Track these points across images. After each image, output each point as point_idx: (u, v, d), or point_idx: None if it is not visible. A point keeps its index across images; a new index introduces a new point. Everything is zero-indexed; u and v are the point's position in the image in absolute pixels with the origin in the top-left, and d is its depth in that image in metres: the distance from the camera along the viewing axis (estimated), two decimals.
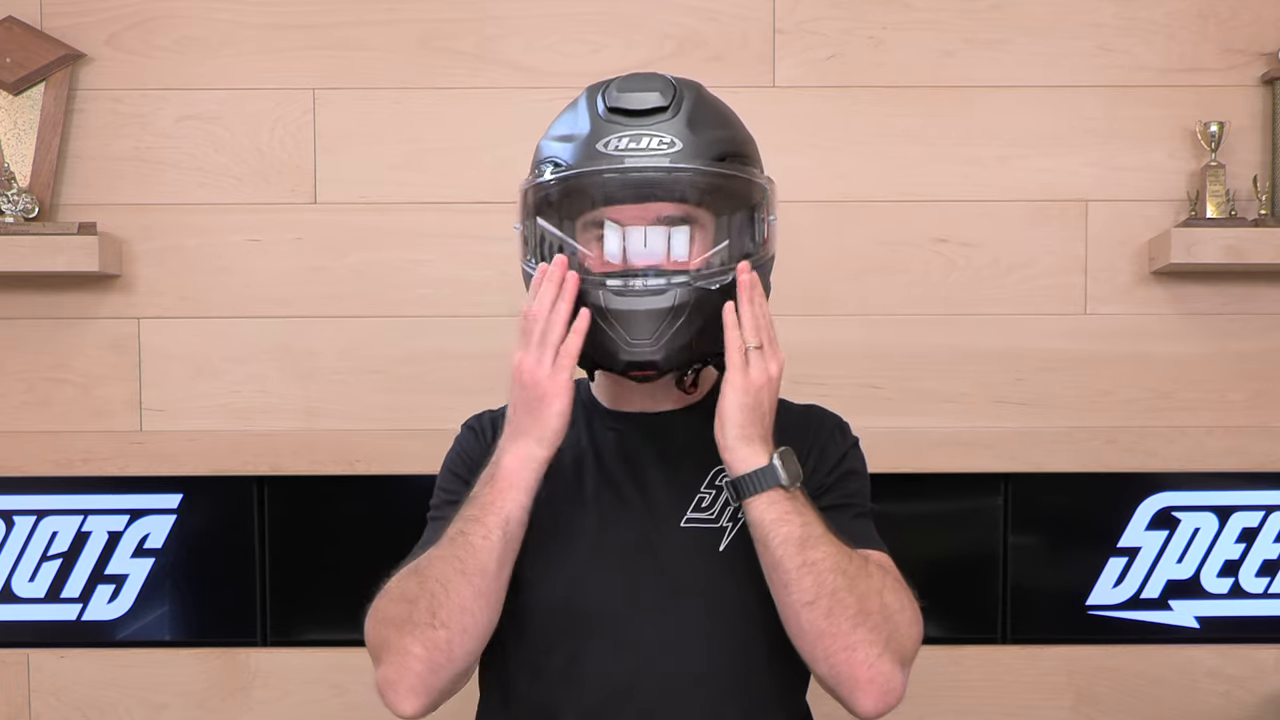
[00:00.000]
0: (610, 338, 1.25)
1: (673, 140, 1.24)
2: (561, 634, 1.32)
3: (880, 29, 2.10)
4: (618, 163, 1.24)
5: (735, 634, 1.30)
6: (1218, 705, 2.13)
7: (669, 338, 1.24)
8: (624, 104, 1.26)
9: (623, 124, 1.25)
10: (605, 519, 1.33)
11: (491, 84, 2.11)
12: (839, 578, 1.21)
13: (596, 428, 1.38)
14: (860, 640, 1.21)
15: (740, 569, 1.29)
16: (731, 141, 1.29)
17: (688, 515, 1.32)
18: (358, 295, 2.12)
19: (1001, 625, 2.14)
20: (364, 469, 2.12)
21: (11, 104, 2.07)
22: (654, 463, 1.35)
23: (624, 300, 1.24)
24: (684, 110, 1.26)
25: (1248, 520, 2.13)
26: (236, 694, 2.14)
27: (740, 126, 1.33)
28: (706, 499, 1.33)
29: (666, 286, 1.23)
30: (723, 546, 1.31)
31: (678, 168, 1.24)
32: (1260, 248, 1.97)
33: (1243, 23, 2.09)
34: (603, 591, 1.31)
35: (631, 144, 1.24)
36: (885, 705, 1.23)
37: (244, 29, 2.11)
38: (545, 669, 1.32)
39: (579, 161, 1.26)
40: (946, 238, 2.11)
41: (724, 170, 1.26)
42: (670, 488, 1.34)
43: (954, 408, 2.11)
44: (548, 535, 1.32)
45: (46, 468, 2.12)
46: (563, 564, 1.32)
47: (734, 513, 1.32)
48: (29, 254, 2.00)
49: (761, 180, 1.31)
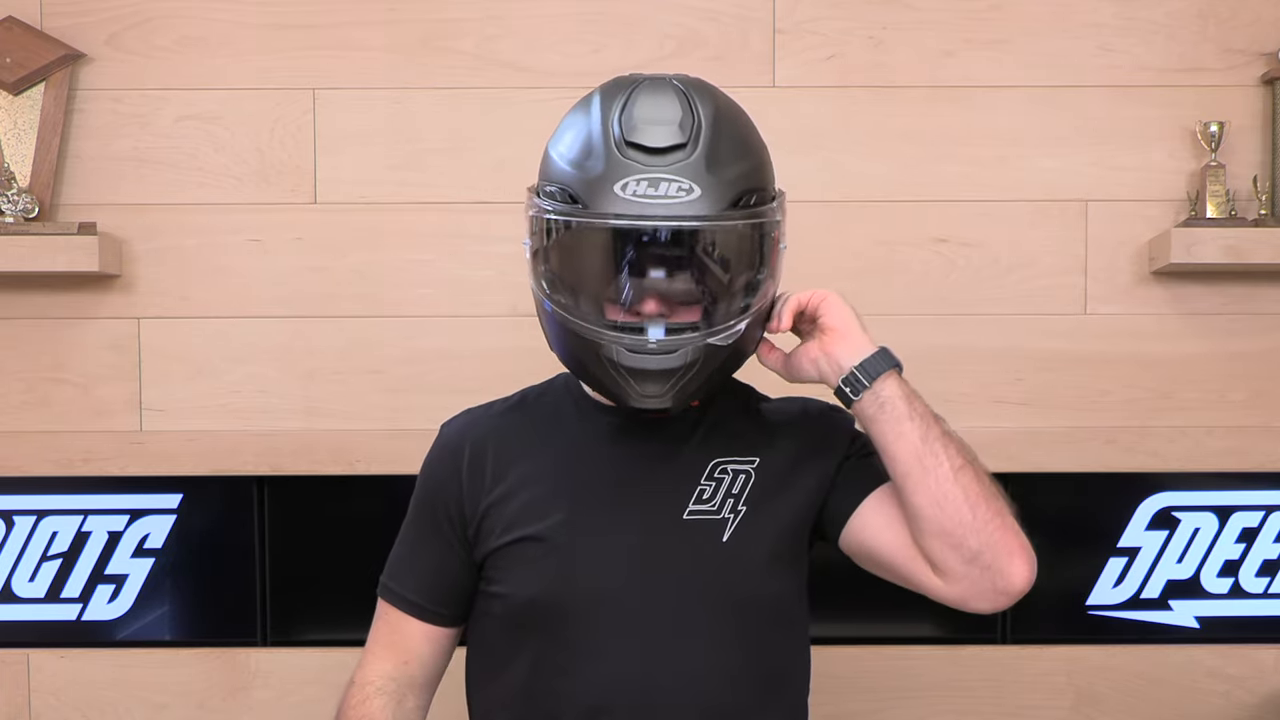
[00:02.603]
0: (621, 385, 1.26)
1: (690, 186, 1.22)
2: (567, 628, 1.32)
3: (880, 29, 2.10)
4: (634, 211, 1.22)
5: (740, 625, 1.32)
6: (1218, 705, 2.13)
7: (679, 389, 1.26)
8: (641, 139, 1.24)
9: (641, 164, 1.23)
10: (608, 515, 1.33)
11: (491, 84, 2.11)
12: (970, 450, 1.30)
13: (593, 423, 1.38)
14: (1006, 508, 1.29)
15: (745, 559, 1.31)
16: (749, 176, 1.27)
17: (689, 508, 1.33)
18: (358, 295, 2.12)
19: (1001, 625, 2.14)
20: (364, 469, 2.12)
21: (11, 104, 2.07)
22: (652, 456, 1.36)
23: (636, 359, 1.25)
24: (702, 144, 1.24)
25: (1248, 520, 2.13)
26: (236, 694, 2.14)
27: (754, 143, 1.32)
28: (707, 490, 1.34)
29: (679, 344, 1.24)
30: (726, 537, 1.32)
31: (695, 222, 1.23)
32: (1260, 248, 1.97)
33: (1243, 23, 2.09)
34: (607, 586, 1.31)
35: (650, 189, 1.22)
36: (1031, 577, 1.29)
37: (244, 29, 2.11)
38: (551, 663, 1.33)
39: (594, 203, 1.24)
40: (946, 238, 2.11)
41: (740, 220, 1.25)
42: (669, 482, 1.35)
43: (954, 408, 2.10)
44: (551, 532, 1.33)
45: (46, 468, 2.12)
46: (567, 560, 1.32)
47: (735, 504, 1.33)
48: (29, 254, 2.00)
49: (776, 215, 1.30)
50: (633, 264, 1.25)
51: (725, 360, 1.29)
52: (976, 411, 2.10)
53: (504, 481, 1.37)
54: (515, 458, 1.38)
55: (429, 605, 1.42)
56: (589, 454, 1.37)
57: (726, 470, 1.35)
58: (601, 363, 1.26)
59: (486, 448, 1.39)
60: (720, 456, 1.36)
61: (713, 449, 1.35)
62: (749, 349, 1.33)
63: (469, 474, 1.38)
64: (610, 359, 1.25)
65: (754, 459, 1.36)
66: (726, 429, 1.38)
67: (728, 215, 1.24)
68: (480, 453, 1.39)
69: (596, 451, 1.37)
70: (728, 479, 1.35)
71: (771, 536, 1.34)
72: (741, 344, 1.30)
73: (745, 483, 1.35)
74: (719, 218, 1.24)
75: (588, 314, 1.27)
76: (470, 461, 1.39)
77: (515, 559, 1.35)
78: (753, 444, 1.38)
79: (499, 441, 1.40)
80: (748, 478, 1.35)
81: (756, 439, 1.39)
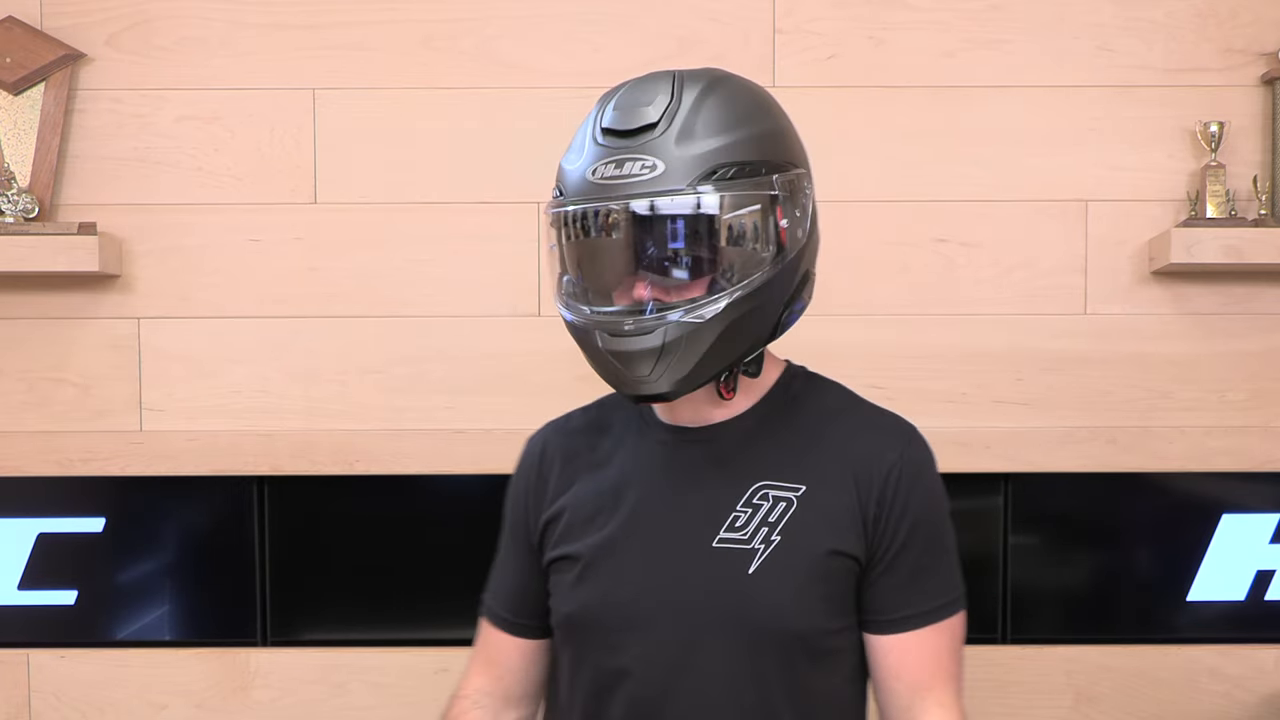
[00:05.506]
0: (614, 372, 1.24)
1: (655, 163, 1.19)
2: (592, 650, 1.32)
3: (880, 29, 2.10)
4: (595, 193, 1.21)
5: (762, 661, 1.26)
6: (1218, 705, 2.13)
7: (667, 371, 1.21)
8: (614, 123, 1.22)
9: (610, 147, 1.21)
10: (641, 538, 1.30)
11: (491, 84, 2.11)
12: None
13: (646, 441, 1.36)
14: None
15: (770, 593, 1.25)
16: (733, 149, 1.21)
17: (720, 535, 1.27)
18: (358, 295, 2.12)
19: (1001, 625, 2.14)
20: (364, 469, 2.12)
21: (11, 104, 2.07)
22: (693, 479, 1.31)
23: (618, 341, 1.22)
24: (677, 122, 1.20)
25: (1247, 520, 2.13)
26: (236, 694, 2.14)
27: (756, 117, 1.25)
28: (741, 518, 1.28)
29: (655, 324, 1.20)
30: (752, 569, 1.26)
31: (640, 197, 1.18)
32: (1260, 248, 1.97)
33: (1243, 23, 2.09)
34: (632, 614, 1.29)
35: (616, 170, 1.20)
36: None
37: (244, 29, 2.11)
38: (586, 682, 1.33)
39: (569, 191, 1.24)
40: (946, 238, 2.11)
41: (692, 192, 1.19)
42: (705, 507, 1.29)
43: (954, 408, 2.11)
44: (587, 552, 1.32)
45: (46, 468, 2.12)
46: (596, 582, 1.31)
47: (767, 534, 1.26)
48: (29, 254, 2.00)
49: (761, 187, 1.22)
50: (598, 247, 1.23)
51: (720, 342, 1.21)
52: (976, 411, 2.11)
53: (561, 497, 1.37)
54: (576, 473, 1.38)
55: (514, 618, 1.43)
56: (637, 474, 1.34)
57: (767, 496, 1.28)
58: (595, 351, 1.24)
59: (554, 463, 1.40)
60: (765, 479, 1.28)
61: (758, 470, 1.28)
62: (757, 330, 1.25)
63: (537, 487, 1.40)
64: (597, 345, 1.23)
65: (801, 486, 1.28)
66: (780, 446, 1.31)
67: (681, 190, 1.18)
68: (549, 467, 1.40)
69: (646, 471, 1.33)
70: (766, 505, 1.27)
71: (804, 570, 1.26)
72: (745, 324, 1.23)
73: (785, 511, 1.27)
74: (669, 192, 1.18)
75: (580, 305, 1.25)
76: (539, 475, 1.40)
77: (558, 575, 1.35)
78: (805, 468, 1.29)
79: (565, 458, 1.40)
80: (788, 505, 1.27)
81: (812, 461, 1.29)
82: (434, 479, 2.14)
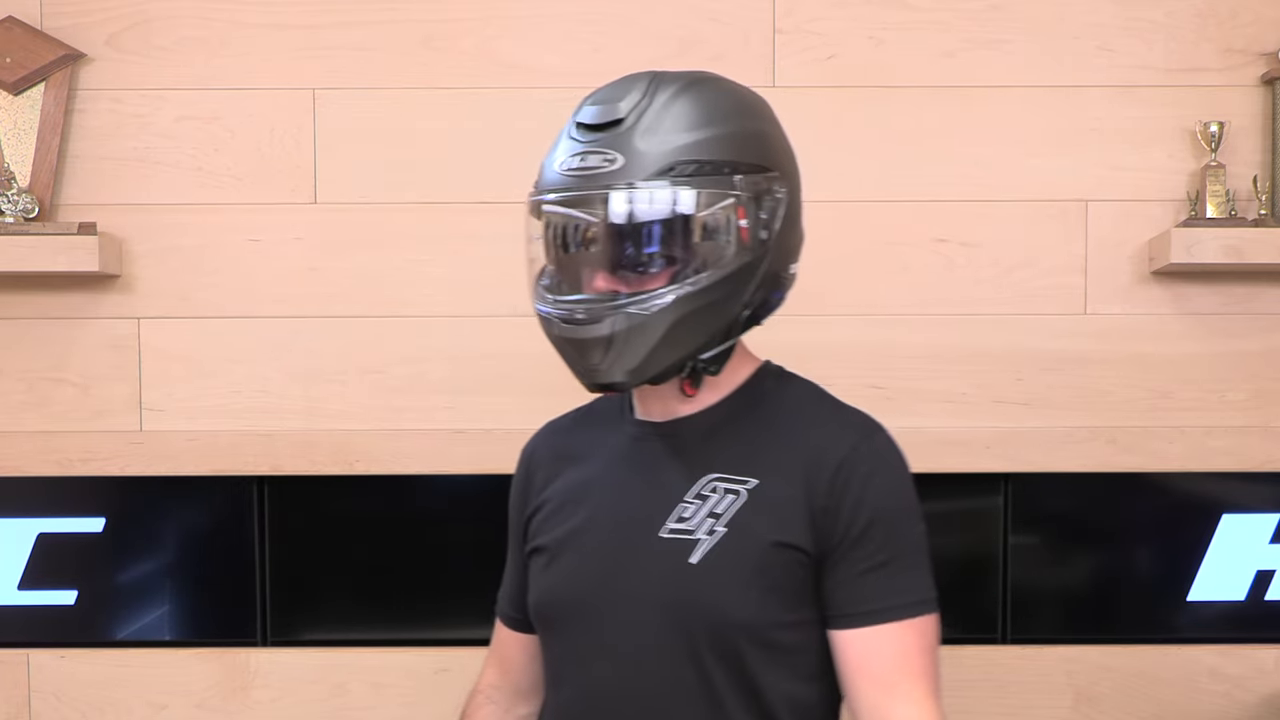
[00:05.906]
0: (571, 361, 1.26)
1: (615, 156, 1.21)
2: (554, 640, 1.37)
3: (880, 29, 2.10)
4: (558, 186, 1.24)
5: (703, 652, 1.26)
6: (1218, 705, 2.13)
7: (619, 361, 1.22)
8: (585, 118, 1.24)
9: (580, 140, 1.24)
10: (597, 529, 1.33)
11: (491, 84, 2.11)
12: None
13: (620, 436, 1.38)
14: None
15: (712, 583, 1.25)
16: (693, 148, 1.21)
17: (669, 525, 1.28)
18: (358, 295, 2.12)
19: (1001, 625, 2.14)
20: (364, 469, 2.12)
21: (11, 104, 2.07)
22: (652, 472, 1.33)
23: (569, 329, 1.24)
24: (646, 117, 1.21)
25: (1247, 520, 2.13)
26: (236, 694, 2.14)
27: (732, 117, 1.25)
28: (689, 509, 1.28)
29: (605, 314, 1.21)
30: (695, 559, 1.26)
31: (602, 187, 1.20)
32: (1260, 248, 1.97)
33: (1243, 23, 2.09)
34: (584, 602, 1.32)
35: (579, 163, 1.23)
36: None
37: (244, 29, 2.11)
38: (552, 672, 1.38)
39: (540, 183, 1.28)
40: (946, 238, 2.11)
41: (640, 186, 1.20)
42: (657, 497, 1.30)
43: (954, 408, 2.11)
44: (553, 544, 1.36)
45: (46, 468, 2.12)
46: (557, 572, 1.35)
47: (712, 525, 1.27)
48: (29, 254, 2.00)
49: (720, 186, 1.22)
50: (561, 239, 1.26)
51: (670, 335, 1.21)
52: (976, 411, 2.10)
53: (543, 493, 1.41)
54: (561, 469, 1.41)
55: (516, 614, 1.47)
56: (608, 467, 1.36)
57: (717, 488, 1.28)
58: (554, 339, 1.27)
59: (543, 461, 1.44)
60: (718, 473, 1.29)
61: (714, 464, 1.29)
62: (711, 326, 1.25)
63: (526, 486, 1.44)
64: (553, 334, 1.26)
65: (752, 480, 1.28)
66: (739, 440, 1.31)
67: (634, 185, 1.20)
68: (537, 466, 1.44)
69: (612, 464, 1.36)
70: (715, 498, 1.28)
71: (749, 562, 1.25)
72: (697, 320, 1.22)
73: (733, 503, 1.27)
74: (623, 186, 1.20)
75: (547, 295, 1.28)
76: (528, 474, 1.45)
77: (533, 566, 1.39)
78: (759, 462, 1.29)
79: (551, 456, 1.43)
80: (736, 498, 1.27)
81: (767, 455, 1.29)
82: (434, 479, 2.14)
